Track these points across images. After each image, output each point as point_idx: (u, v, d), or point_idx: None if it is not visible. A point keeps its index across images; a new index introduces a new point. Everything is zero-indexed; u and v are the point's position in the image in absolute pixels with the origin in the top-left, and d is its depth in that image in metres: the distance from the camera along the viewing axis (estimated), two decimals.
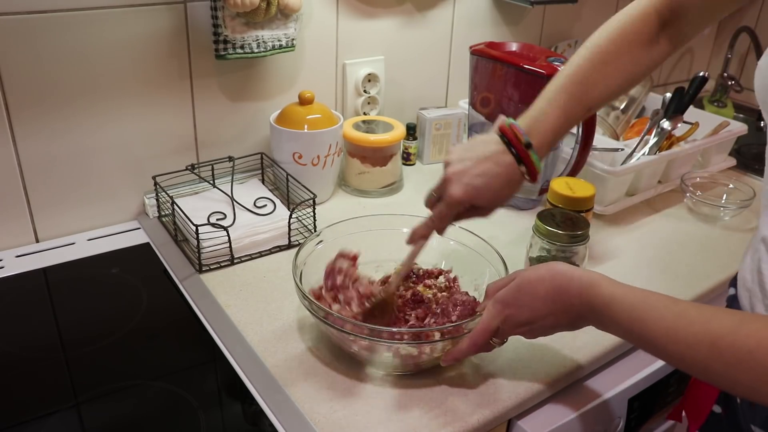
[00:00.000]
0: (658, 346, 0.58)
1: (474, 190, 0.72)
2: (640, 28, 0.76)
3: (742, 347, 0.52)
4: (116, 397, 0.74)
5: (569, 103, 0.74)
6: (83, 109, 0.96)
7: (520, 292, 0.69)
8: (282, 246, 0.99)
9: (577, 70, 0.75)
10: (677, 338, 0.56)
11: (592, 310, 0.64)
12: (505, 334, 0.71)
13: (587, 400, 0.80)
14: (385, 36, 1.25)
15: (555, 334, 0.69)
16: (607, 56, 0.75)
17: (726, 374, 0.53)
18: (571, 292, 0.65)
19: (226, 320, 0.84)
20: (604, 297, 0.63)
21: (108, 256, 0.98)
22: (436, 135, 1.28)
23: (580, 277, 0.65)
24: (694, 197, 1.17)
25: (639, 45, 0.76)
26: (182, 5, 0.99)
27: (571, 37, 1.55)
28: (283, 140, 1.07)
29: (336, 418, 0.70)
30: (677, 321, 0.57)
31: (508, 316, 0.69)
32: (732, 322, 0.54)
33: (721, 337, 0.53)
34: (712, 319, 0.55)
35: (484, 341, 0.70)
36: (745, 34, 1.75)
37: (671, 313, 0.57)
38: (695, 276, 0.99)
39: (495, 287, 0.72)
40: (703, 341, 0.54)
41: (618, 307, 0.61)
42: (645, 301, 0.60)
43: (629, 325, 0.60)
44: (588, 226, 0.91)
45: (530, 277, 0.69)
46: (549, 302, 0.66)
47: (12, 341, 0.81)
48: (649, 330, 0.59)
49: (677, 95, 1.24)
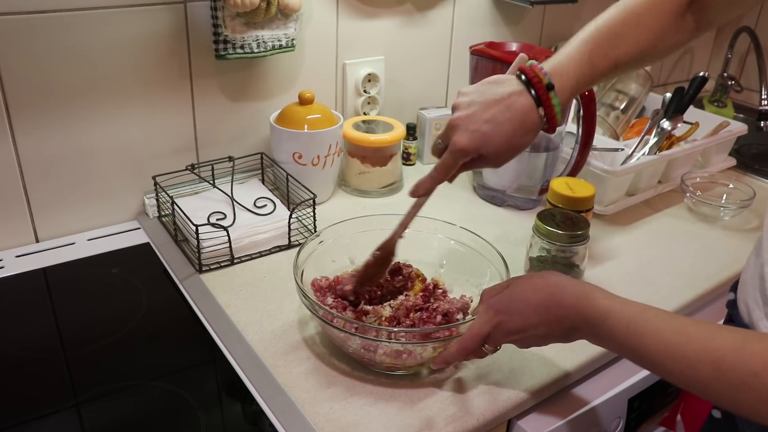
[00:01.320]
0: (656, 363, 0.57)
1: (481, 138, 0.67)
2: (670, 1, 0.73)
3: (746, 368, 0.50)
4: (116, 397, 0.74)
5: (595, 53, 0.70)
6: (83, 108, 0.96)
7: (513, 299, 0.67)
8: (282, 246, 0.99)
9: (607, 23, 0.72)
10: (676, 356, 0.54)
11: (586, 322, 0.62)
12: (496, 341, 0.69)
13: (587, 400, 0.80)
14: (385, 36, 1.25)
15: (549, 344, 0.68)
16: (637, 15, 0.72)
17: (728, 395, 0.51)
18: (565, 303, 0.63)
19: (226, 320, 0.84)
20: (599, 309, 0.61)
21: (108, 256, 0.98)
22: (436, 135, 1.28)
23: (574, 287, 0.64)
24: (694, 197, 1.17)
25: (669, 14, 0.73)
26: (182, 5, 0.99)
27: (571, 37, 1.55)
28: (283, 140, 1.07)
29: (336, 418, 0.70)
30: (676, 337, 0.55)
31: (499, 322, 0.67)
32: (734, 341, 0.52)
33: (723, 357, 0.51)
34: (713, 337, 0.53)
35: (475, 347, 0.69)
36: (745, 34, 1.75)
37: (670, 329, 0.56)
38: (695, 276, 0.99)
39: (489, 293, 0.71)
40: (704, 360, 0.52)
41: (614, 321, 0.59)
42: (642, 315, 0.58)
43: (626, 340, 0.58)
44: (588, 226, 0.91)
45: (524, 285, 0.67)
46: (542, 311, 0.65)
47: (12, 341, 0.81)
48: (645, 345, 0.57)
49: (677, 95, 1.24)
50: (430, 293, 0.82)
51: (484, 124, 0.67)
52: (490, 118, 0.67)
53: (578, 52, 0.70)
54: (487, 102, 0.67)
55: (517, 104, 0.67)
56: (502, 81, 0.69)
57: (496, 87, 0.69)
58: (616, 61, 0.72)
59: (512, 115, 0.67)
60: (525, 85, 0.68)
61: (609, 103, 1.36)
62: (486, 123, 0.67)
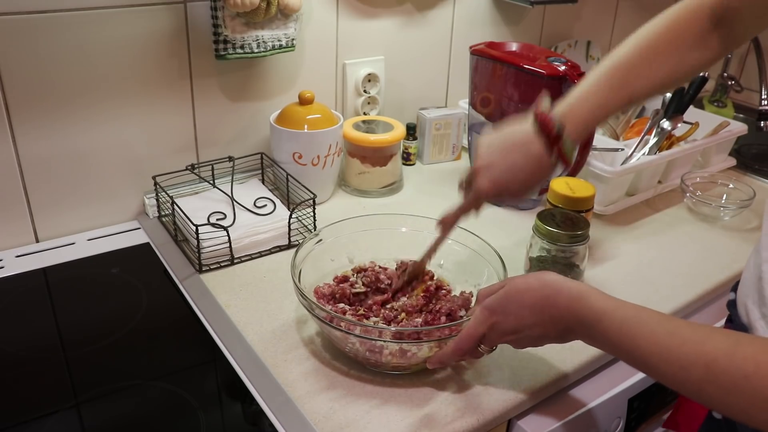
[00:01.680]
0: (649, 365, 0.57)
1: (502, 184, 0.72)
2: (692, 24, 0.73)
3: (738, 371, 0.50)
4: (116, 397, 0.74)
5: (611, 90, 0.72)
6: (83, 108, 0.96)
7: (508, 299, 0.67)
8: (282, 246, 0.99)
9: (623, 59, 0.73)
10: (669, 358, 0.54)
11: (580, 323, 0.62)
12: (492, 341, 0.69)
13: (587, 400, 0.80)
14: (385, 36, 1.25)
15: (545, 345, 0.68)
16: (654, 49, 0.73)
17: (720, 398, 0.51)
18: (559, 304, 0.63)
19: (226, 320, 0.84)
20: (593, 310, 0.61)
21: (108, 256, 0.98)
22: (436, 135, 1.28)
23: (569, 288, 0.64)
24: (694, 197, 1.17)
25: (688, 43, 0.73)
26: (182, 5, 0.99)
27: (571, 37, 1.55)
28: (283, 140, 1.07)
29: (336, 418, 0.70)
30: (670, 339, 0.55)
31: (494, 323, 0.67)
32: (727, 344, 0.52)
33: (715, 359, 0.51)
34: (706, 340, 0.53)
35: (470, 347, 0.69)
36: None
37: (664, 330, 0.56)
38: (695, 276, 0.99)
39: (485, 293, 0.71)
40: (696, 363, 0.52)
41: (608, 322, 0.59)
42: (636, 316, 0.58)
43: (619, 341, 0.59)
44: (588, 226, 0.91)
45: (519, 285, 0.67)
46: (536, 312, 0.65)
47: (12, 341, 0.81)
48: (639, 347, 0.57)
49: (677, 95, 1.24)
50: (432, 294, 0.82)
51: (504, 173, 0.73)
52: (509, 166, 0.73)
53: (592, 91, 0.73)
54: (506, 149, 0.73)
55: (533, 149, 0.72)
56: (519, 129, 0.74)
57: (515, 133, 0.74)
58: (631, 96, 0.74)
59: (529, 160, 0.72)
60: (538, 132, 0.72)
61: None
62: (505, 171, 0.73)
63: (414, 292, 0.82)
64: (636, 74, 0.73)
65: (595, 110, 0.73)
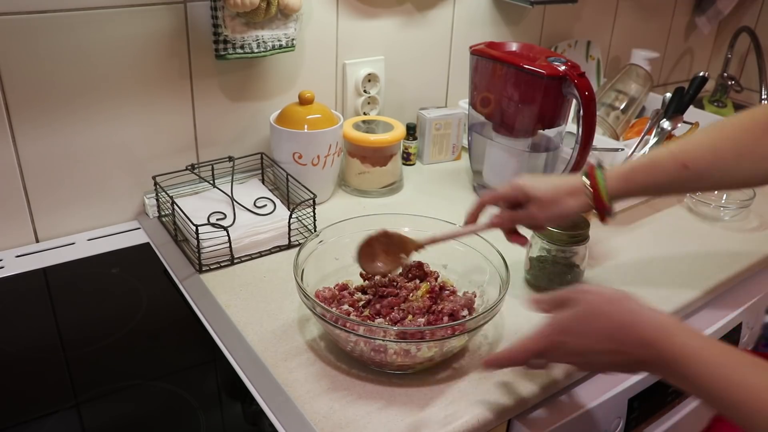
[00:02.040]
0: (740, 414, 0.53)
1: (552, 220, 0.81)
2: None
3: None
4: (116, 397, 0.74)
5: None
6: (83, 108, 0.96)
7: (581, 320, 0.63)
8: (282, 246, 0.99)
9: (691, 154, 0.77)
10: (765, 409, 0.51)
11: (657, 360, 0.58)
12: (554, 359, 0.65)
13: (587, 400, 0.80)
14: (385, 36, 1.25)
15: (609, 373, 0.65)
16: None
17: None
18: (636, 336, 0.59)
19: (226, 320, 0.84)
20: (676, 349, 0.57)
21: (108, 256, 0.98)
22: (436, 135, 1.28)
23: (650, 320, 0.60)
24: (694, 197, 1.17)
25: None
26: (182, 5, 0.99)
27: (571, 37, 1.55)
28: (283, 140, 1.07)
29: (336, 418, 0.70)
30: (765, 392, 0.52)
31: (562, 342, 0.63)
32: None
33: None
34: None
35: (522, 359, 0.66)
36: (745, 34, 1.75)
37: (758, 382, 0.53)
38: (695, 276, 0.99)
39: (549, 303, 0.67)
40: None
41: (693, 367, 0.56)
42: (725, 362, 0.55)
43: (701, 384, 0.55)
44: (588, 226, 0.91)
45: (595, 307, 0.63)
46: (610, 339, 0.61)
47: (12, 341, 0.81)
48: (730, 395, 0.54)
49: (677, 95, 1.24)
50: (437, 295, 0.82)
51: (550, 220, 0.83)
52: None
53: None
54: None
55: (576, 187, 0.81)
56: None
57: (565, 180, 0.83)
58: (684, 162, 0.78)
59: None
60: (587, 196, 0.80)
61: (609, 103, 1.37)
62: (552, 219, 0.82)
63: (418, 293, 0.82)
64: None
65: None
